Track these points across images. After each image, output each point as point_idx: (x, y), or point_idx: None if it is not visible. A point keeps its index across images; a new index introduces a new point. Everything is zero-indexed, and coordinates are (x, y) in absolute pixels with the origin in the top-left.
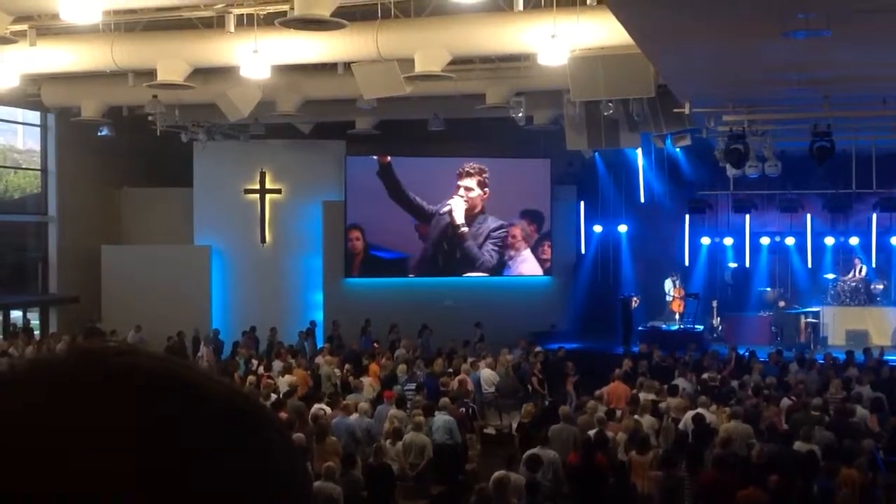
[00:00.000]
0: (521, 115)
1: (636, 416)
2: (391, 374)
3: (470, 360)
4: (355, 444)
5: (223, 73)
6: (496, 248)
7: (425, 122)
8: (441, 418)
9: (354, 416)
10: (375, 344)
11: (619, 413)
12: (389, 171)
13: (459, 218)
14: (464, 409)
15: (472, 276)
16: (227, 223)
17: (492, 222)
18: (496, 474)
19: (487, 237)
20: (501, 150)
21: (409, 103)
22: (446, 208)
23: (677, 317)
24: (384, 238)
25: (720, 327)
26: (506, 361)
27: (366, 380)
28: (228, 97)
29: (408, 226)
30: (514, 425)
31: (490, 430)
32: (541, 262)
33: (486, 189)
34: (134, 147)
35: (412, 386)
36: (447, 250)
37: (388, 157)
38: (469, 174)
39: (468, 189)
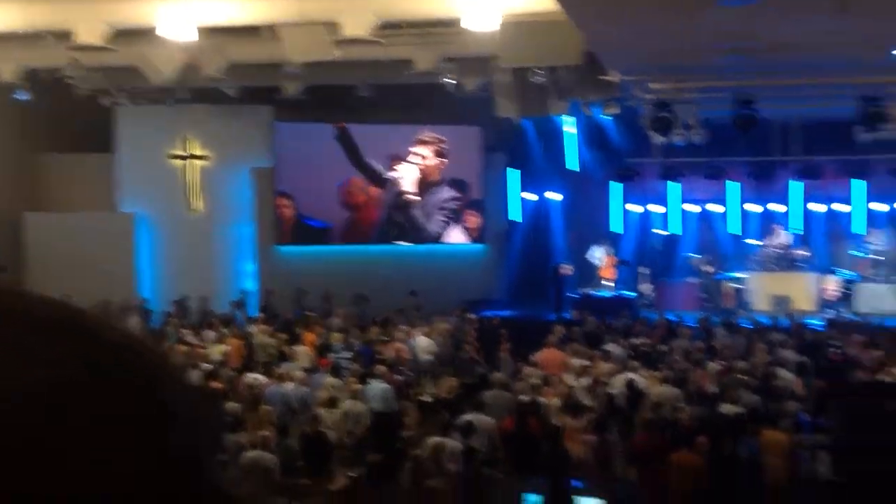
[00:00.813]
0: (450, 81)
1: (569, 382)
2: (326, 342)
3: (405, 328)
4: (290, 413)
5: (146, 35)
6: (446, 219)
7: (354, 88)
8: (377, 386)
9: (289, 385)
10: (310, 313)
11: (552, 379)
12: (347, 137)
13: (408, 186)
14: (400, 377)
15: (405, 245)
16: (153, 190)
17: (446, 192)
18: (432, 441)
19: (439, 207)
20: (431, 116)
21: (338, 69)
22: (394, 175)
23: (608, 284)
24: (315, 206)
25: (650, 294)
26: (441, 329)
27: (301, 349)
28: (150, 59)
29: (340, 194)
30: (451, 393)
31: (426, 398)
32: (467, 231)
33: (442, 158)
34: (54, 112)
35: (348, 354)
36: (390, 219)
37: (344, 124)
38: (425, 142)
39: (424, 157)
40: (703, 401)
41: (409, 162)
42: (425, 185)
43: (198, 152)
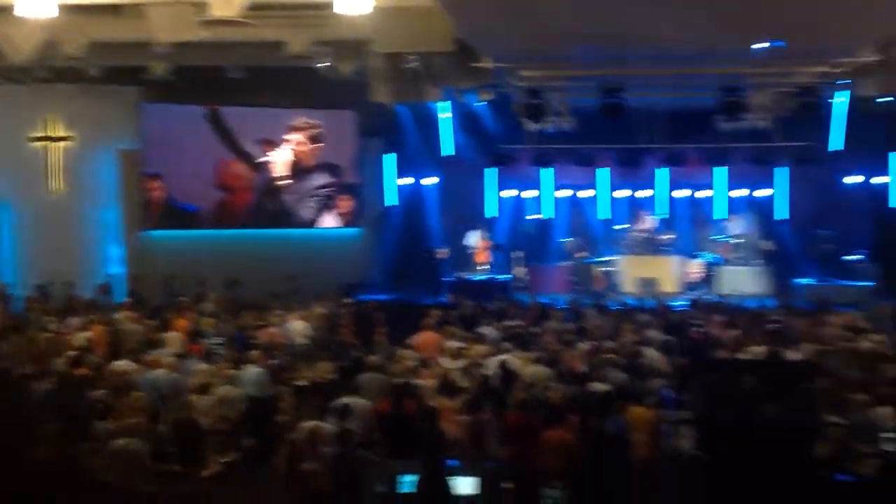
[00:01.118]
0: (325, 65)
1: (445, 364)
2: (198, 328)
3: (281, 312)
4: (161, 399)
5: (3, 12)
6: (318, 204)
7: (226, 69)
8: (252, 371)
9: (160, 372)
10: (182, 298)
11: (429, 361)
12: (219, 119)
13: (281, 171)
14: (275, 361)
15: (282, 230)
16: (12, 173)
17: (319, 177)
18: (307, 425)
19: (311, 192)
20: (306, 100)
21: (207, 49)
22: (267, 159)
23: (483, 268)
24: (187, 189)
25: (524, 277)
26: (317, 314)
27: (172, 335)
28: (8, 37)
29: (213, 175)
30: (327, 377)
31: (302, 382)
32: (340, 216)
33: (316, 143)
34: None
35: (220, 340)
36: (262, 204)
37: (216, 106)
38: (298, 129)
39: (298, 143)
40: (574, 380)
41: (282, 146)
42: (298, 169)
43: (60, 133)
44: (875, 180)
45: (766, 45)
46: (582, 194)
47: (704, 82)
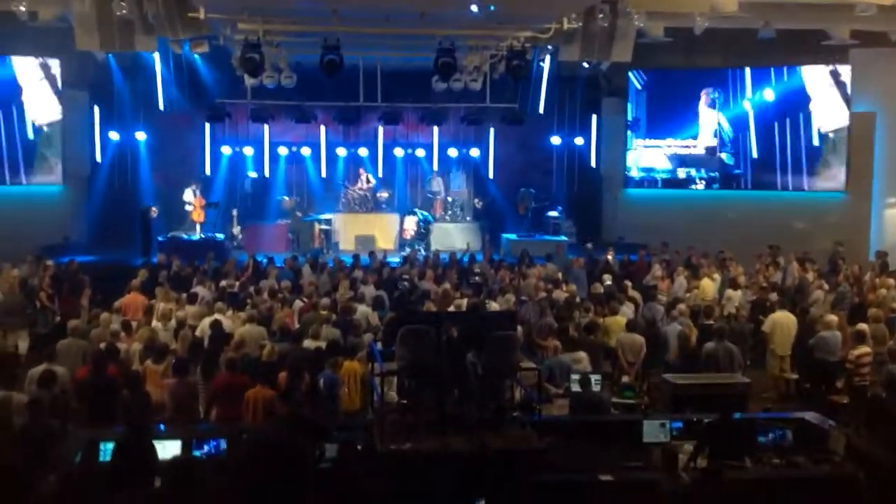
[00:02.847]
0: (22, 9)
1: (153, 326)
2: None
3: None
4: None
5: None
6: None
7: None
8: None
9: None
10: None
11: (134, 324)
12: None
13: None
14: None
15: None
16: None
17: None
18: None
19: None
20: (5, 47)
21: None
22: None
23: (198, 227)
24: None
25: (241, 236)
26: (10, 277)
27: None
28: None
29: None
30: (22, 344)
31: None
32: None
33: None
34: None
35: None
36: None
37: None
38: None
39: None
40: (286, 337)
41: None
42: None
43: None
44: (577, 142)
45: (476, 9)
46: (300, 152)
47: (423, 43)
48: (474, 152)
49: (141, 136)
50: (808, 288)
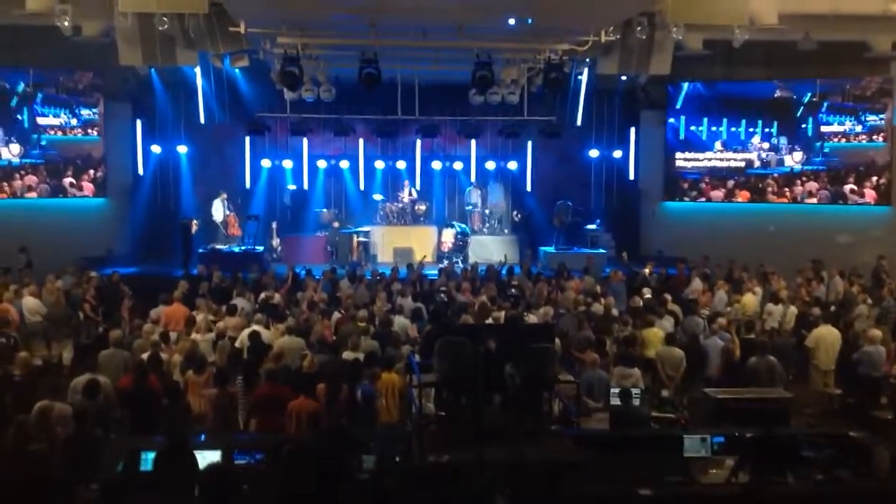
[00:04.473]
0: (66, 24)
1: (193, 337)
2: None
3: (13, 287)
4: None
5: None
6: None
7: None
8: None
9: None
10: None
11: (175, 335)
12: None
13: None
14: (4, 340)
15: (8, 199)
16: None
17: None
18: (39, 404)
19: None
20: (49, 60)
21: None
22: None
23: (237, 238)
24: None
25: (280, 248)
26: (54, 289)
27: None
28: None
29: None
30: (66, 355)
31: (37, 361)
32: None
33: None
34: None
35: None
36: None
37: None
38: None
39: None
40: (325, 348)
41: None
42: None
43: None
44: (615, 154)
45: (513, 22)
46: (339, 164)
47: (460, 56)
48: (512, 165)
49: (182, 149)
50: (852, 302)
